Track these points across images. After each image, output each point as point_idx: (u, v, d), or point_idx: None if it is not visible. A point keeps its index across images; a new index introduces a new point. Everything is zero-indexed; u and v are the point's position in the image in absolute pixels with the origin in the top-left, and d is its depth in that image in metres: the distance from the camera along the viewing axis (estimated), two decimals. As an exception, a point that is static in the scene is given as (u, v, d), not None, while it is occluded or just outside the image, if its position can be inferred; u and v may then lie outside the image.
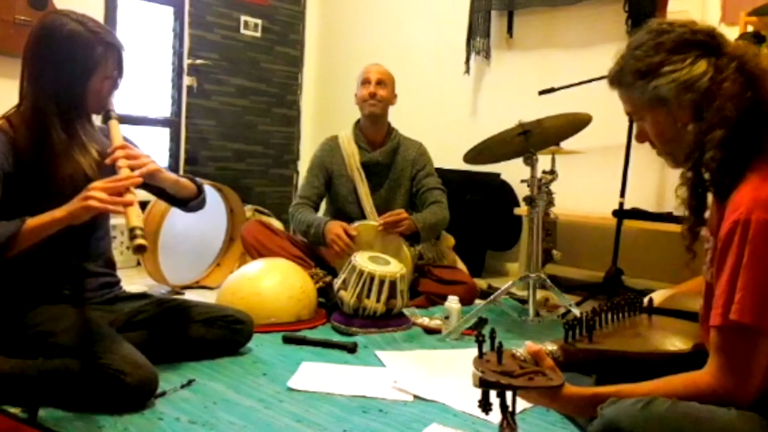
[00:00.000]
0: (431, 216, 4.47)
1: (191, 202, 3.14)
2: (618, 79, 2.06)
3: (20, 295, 2.76)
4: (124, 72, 2.84)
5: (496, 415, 1.63)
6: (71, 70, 2.65)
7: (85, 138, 2.79)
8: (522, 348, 1.91)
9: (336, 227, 4.30)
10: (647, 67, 1.95)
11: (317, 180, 4.72)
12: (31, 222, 2.47)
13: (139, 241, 2.38)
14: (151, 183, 2.83)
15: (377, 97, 4.58)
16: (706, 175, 1.94)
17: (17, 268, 2.67)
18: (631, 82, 2.01)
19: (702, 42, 1.94)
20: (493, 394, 1.64)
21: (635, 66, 1.98)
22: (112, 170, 2.72)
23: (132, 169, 2.65)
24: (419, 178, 4.68)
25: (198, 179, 3.21)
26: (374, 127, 4.71)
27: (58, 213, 2.48)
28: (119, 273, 3.18)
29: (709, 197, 2.02)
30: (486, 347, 1.72)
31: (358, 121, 4.80)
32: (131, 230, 2.42)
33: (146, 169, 2.71)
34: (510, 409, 1.63)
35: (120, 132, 2.79)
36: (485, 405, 1.64)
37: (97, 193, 2.44)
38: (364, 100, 4.62)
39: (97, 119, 2.97)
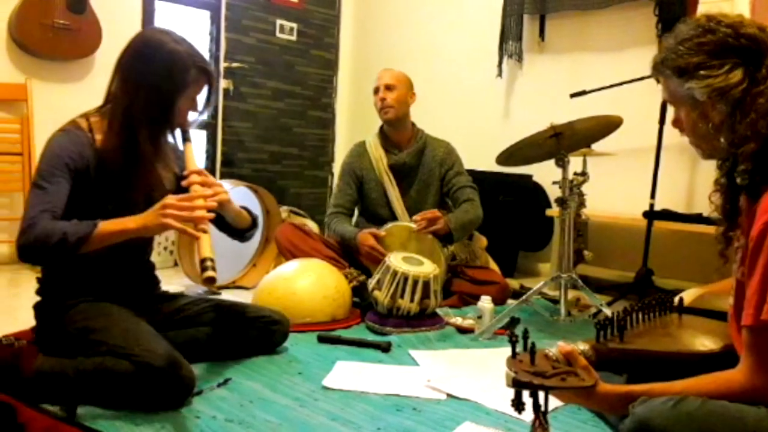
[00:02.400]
0: (464, 215, 4.48)
1: (247, 233, 3.20)
2: (660, 69, 2.08)
3: (63, 292, 2.78)
4: (213, 100, 2.94)
5: (528, 414, 1.63)
6: (166, 87, 2.70)
7: (169, 153, 2.90)
8: (554, 348, 1.91)
9: (368, 239, 4.34)
10: (686, 65, 1.96)
11: (349, 187, 4.77)
12: (104, 227, 2.50)
13: (210, 273, 2.43)
14: (220, 210, 2.86)
15: (387, 102, 4.61)
16: (738, 180, 1.93)
17: (64, 265, 2.70)
18: (670, 75, 2.02)
19: (744, 48, 1.92)
20: (525, 393, 1.64)
21: (675, 62, 1.99)
22: (186, 190, 2.77)
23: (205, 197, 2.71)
24: (449, 178, 4.70)
25: (253, 211, 3.24)
26: (397, 130, 4.74)
27: (132, 223, 2.53)
28: (157, 274, 3.21)
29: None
30: (519, 347, 1.72)
31: (382, 126, 4.83)
32: (203, 261, 2.46)
33: (219, 198, 2.77)
34: (542, 409, 1.63)
35: (194, 156, 2.87)
36: (518, 405, 1.63)
37: (174, 211, 2.49)
38: (378, 108, 4.66)
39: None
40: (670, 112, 2.21)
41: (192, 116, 2.91)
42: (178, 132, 2.90)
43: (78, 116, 2.79)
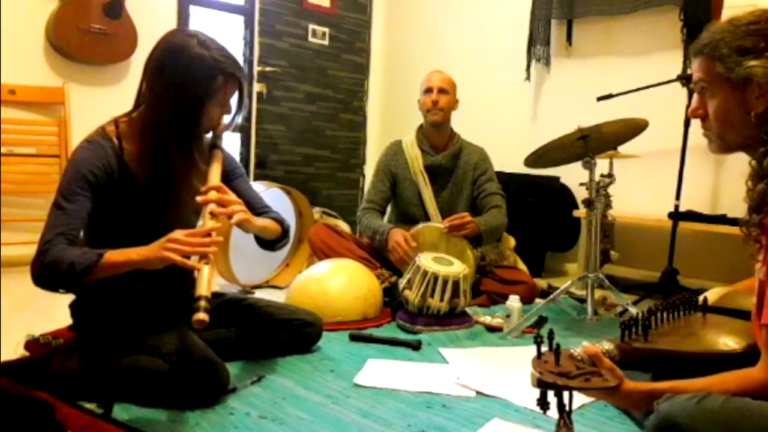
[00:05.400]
0: (492, 219, 4.51)
1: (276, 244, 3.11)
2: (712, 47, 2.03)
3: (98, 291, 2.69)
4: (244, 104, 2.81)
5: (555, 412, 1.66)
6: (190, 94, 2.55)
7: (201, 163, 2.70)
8: (579, 348, 1.95)
9: (397, 235, 4.34)
10: (752, 46, 1.94)
11: (383, 184, 4.79)
12: (109, 257, 2.38)
13: (199, 315, 2.21)
14: (238, 228, 2.80)
15: (439, 105, 4.64)
16: None
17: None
18: (725, 54, 1.98)
19: None
20: (551, 393, 1.67)
21: (738, 42, 1.96)
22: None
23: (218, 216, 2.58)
24: (480, 183, 4.74)
25: (285, 221, 3.13)
26: (437, 133, 4.77)
27: (135, 255, 2.39)
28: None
29: None
30: (545, 348, 1.76)
31: (421, 126, 4.86)
32: (197, 299, 2.25)
33: (236, 219, 2.65)
34: (567, 408, 1.66)
35: (219, 169, 2.75)
36: (543, 404, 1.67)
37: (176, 245, 2.35)
38: (427, 109, 4.68)
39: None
40: (694, 98, 2.18)
41: (225, 121, 2.78)
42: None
43: (107, 122, 2.70)
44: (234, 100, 2.78)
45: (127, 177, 2.63)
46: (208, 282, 2.32)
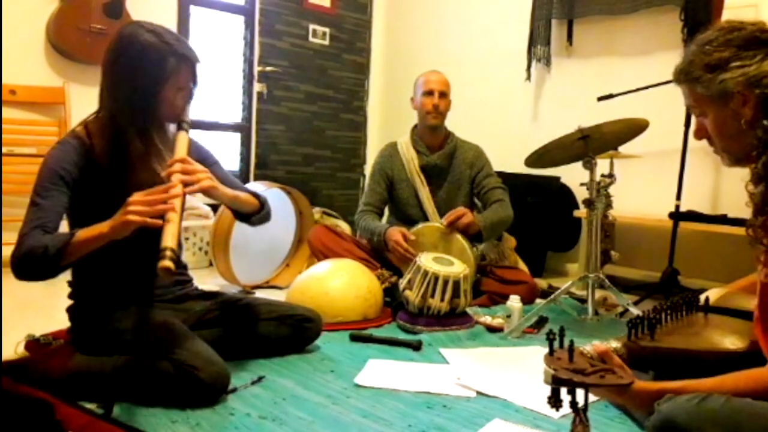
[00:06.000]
0: (493, 214, 4.50)
1: (253, 217, 3.13)
2: (685, 73, 2.08)
3: (95, 294, 2.82)
4: (198, 83, 2.82)
5: (556, 412, 1.66)
6: (144, 81, 2.64)
7: (162, 147, 2.77)
8: (589, 346, 1.96)
9: (395, 234, 4.35)
10: (717, 60, 1.98)
11: (379, 186, 4.80)
12: (80, 235, 2.44)
13: (166, 263, 2.25)
14: (208, 198, 2.82)
15: (440, 109, 4.64)
16: None
17: (91, 269, 2.70)
18: (698, 75, 2.03)
19: None
20: (563, 391, 1.66)
21: (704, 60, 2.01)
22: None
23: (185, 184, 2.58)
24: (479, 180, 4.73)
25: (262, 195, 3.17)
26: (434, 134, 4.76)
27: (104, 227, 2.43)
28: (192, 273, 3.18)
29: None
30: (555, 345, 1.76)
31: (415, 126, 4.86)
32: (162, 250, 2.29)
33: (199, 186, 2.65)
34: (581, 405, 1.65)
35: (185, 146, 2.75)
36: (555, 402, 1.67)
37: (135, 206, 2.38)
38: (427, 111, 4.66)
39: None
40: (693, 122, 2.22)
41: (187, 104, 2.83)
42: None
43: (77, 124, 2.78)
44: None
45: (98, 172, 2.69)
46: (172, 235, 2.36)
